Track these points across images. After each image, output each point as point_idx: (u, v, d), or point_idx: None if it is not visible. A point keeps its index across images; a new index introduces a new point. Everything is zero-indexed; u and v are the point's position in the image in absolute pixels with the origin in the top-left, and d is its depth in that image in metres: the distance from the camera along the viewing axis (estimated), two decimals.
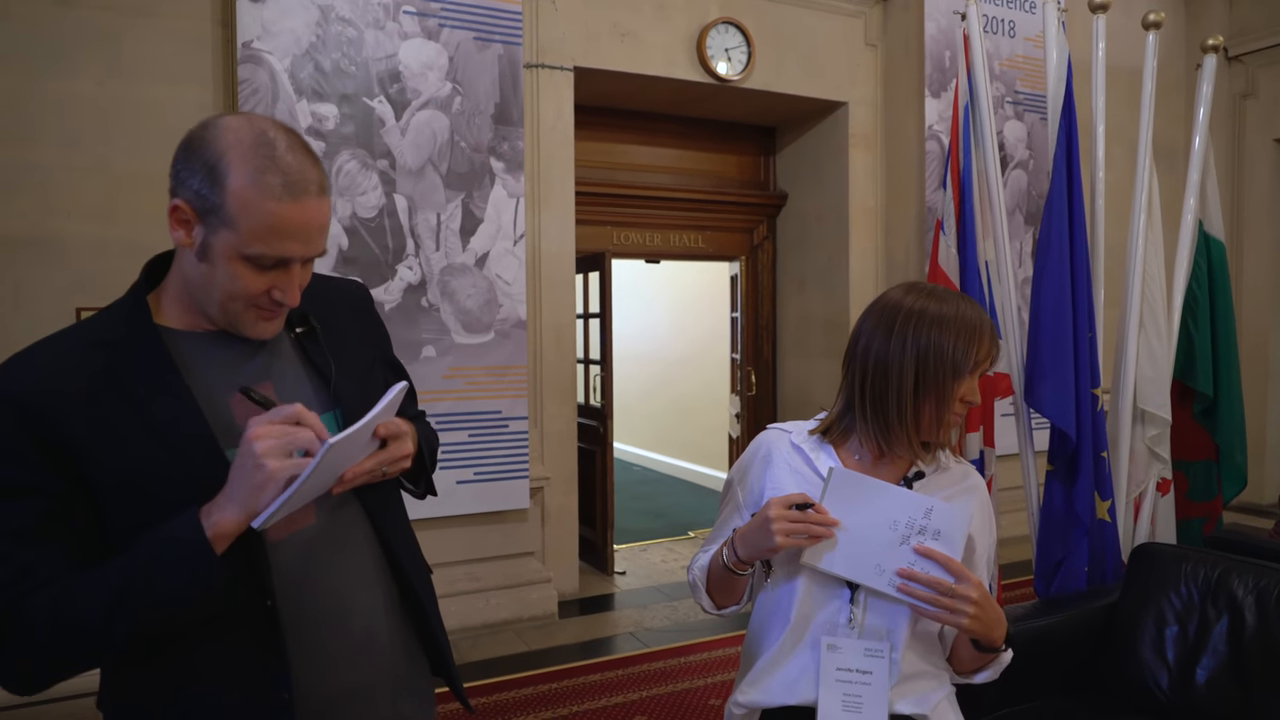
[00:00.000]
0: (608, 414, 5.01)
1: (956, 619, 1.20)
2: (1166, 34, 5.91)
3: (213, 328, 1.10)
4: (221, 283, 1.04)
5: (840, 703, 1.24)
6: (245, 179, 1.00)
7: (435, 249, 3.86)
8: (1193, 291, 2.98)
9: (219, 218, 1.01)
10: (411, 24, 3.79)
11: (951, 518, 1.21)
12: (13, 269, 3.30)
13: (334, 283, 1.31)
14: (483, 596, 4.03)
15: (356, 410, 1.09)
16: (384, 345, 1.36)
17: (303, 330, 1.16)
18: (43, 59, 3.34)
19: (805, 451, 1.36)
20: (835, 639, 1.27)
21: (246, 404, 1.05)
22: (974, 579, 1.21)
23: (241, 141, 1.01)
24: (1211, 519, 3.07)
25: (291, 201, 1.01)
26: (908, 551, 1.21)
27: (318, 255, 1.09)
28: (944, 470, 1.37)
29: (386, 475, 1.10)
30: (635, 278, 8.68)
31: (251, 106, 3.49)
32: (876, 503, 1.22)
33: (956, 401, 1.30)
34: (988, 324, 1.33)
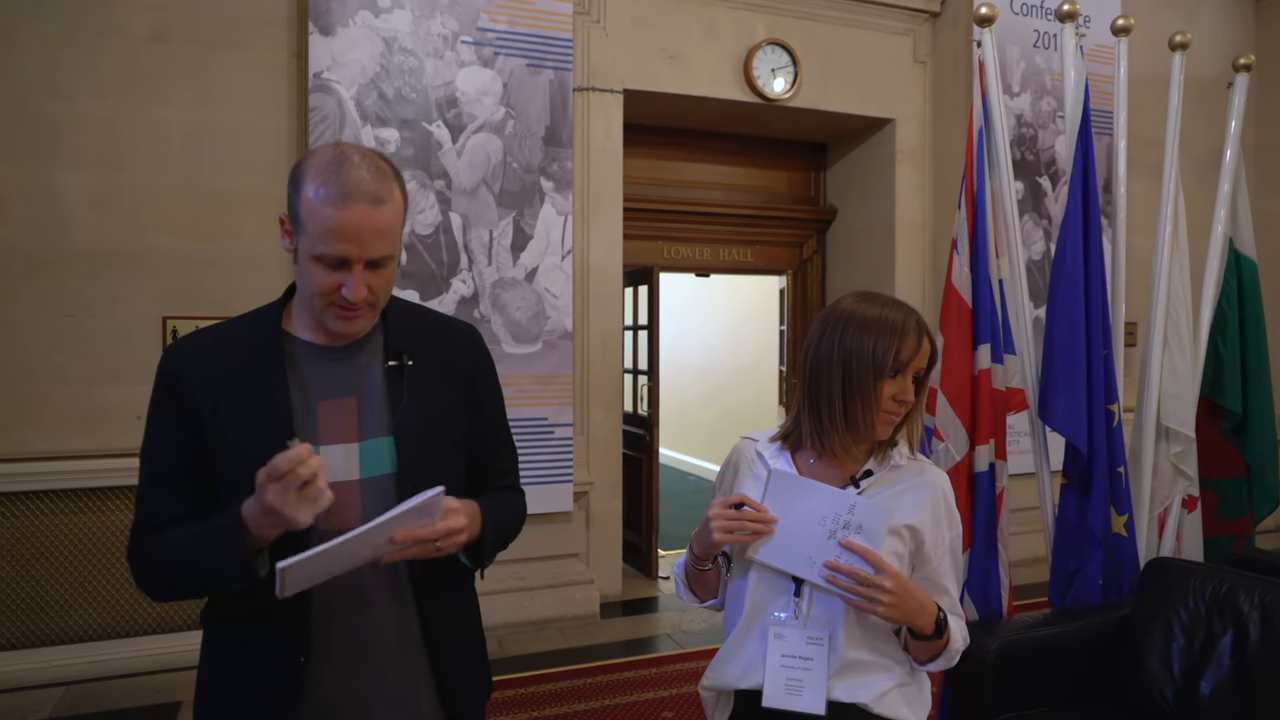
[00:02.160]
0: (654, 423, 5.16)
1: (874, 607, 1.28)
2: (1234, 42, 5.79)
3: (326, 339, 1.30)
4: (306, 281, 1.24)
5: (784, 686, 1.33)
6: (311, 190, 1.19)
7: (487, 264, 4.09)
8: (1222, 309, 2.98)
9: (298, 224, 1.22)
10: (468, 53, 4.04)
11: (872, 513, 1.30)
12: (107, 280, 3.65)
13: (451, 326, 1.45)
14: (528, 595, 4.23)
15: (411, 443, 1.29)
16: (484, 393, 1.44)
17: (395, 364, 1.32)
18: (138, 89, 3.70)
19: (765, 458, 1.46)
20: (781, 628, 1.36)
21: (330, 409, 1.28)
22: (890, 569, 1.28)
23: (319, 161, 1.21)
24: (1242, 537, 3.05)
25: (342, 207, 1.17)
26: (834, 545, 1.30)
27: (378, 258, 1.22)
28: (895, 468, 1.42)
29: (441, 551, 1.22)
30: (693, 291, 8.84)
31: (321, 132, 3.79)
32: (808, 501, 1.32)
33: (888, 400, 1.35)
34: (912, 326, 1.36)
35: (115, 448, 3.59)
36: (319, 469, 1.12)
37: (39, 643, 3.56)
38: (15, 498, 3.54)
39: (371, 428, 1.30)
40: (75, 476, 3.55)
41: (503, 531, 1.40)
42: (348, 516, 1.26)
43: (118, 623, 3.68)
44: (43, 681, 3.50)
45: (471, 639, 1.45)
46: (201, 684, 1.33)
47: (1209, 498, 3.02)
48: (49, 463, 3.52)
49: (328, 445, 1.27)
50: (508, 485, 1.49)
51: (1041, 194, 5.13)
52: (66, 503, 3.59)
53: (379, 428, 1.29)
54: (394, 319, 1.37)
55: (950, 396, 2.56)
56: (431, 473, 1.30)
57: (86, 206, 3.63)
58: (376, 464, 1.29)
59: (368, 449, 1.29)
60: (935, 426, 2.58)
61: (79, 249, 3.62)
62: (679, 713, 3.28)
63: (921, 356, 1.37)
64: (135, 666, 3.61)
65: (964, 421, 2.55)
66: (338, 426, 1.28)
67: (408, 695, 1.33)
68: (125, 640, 3.67)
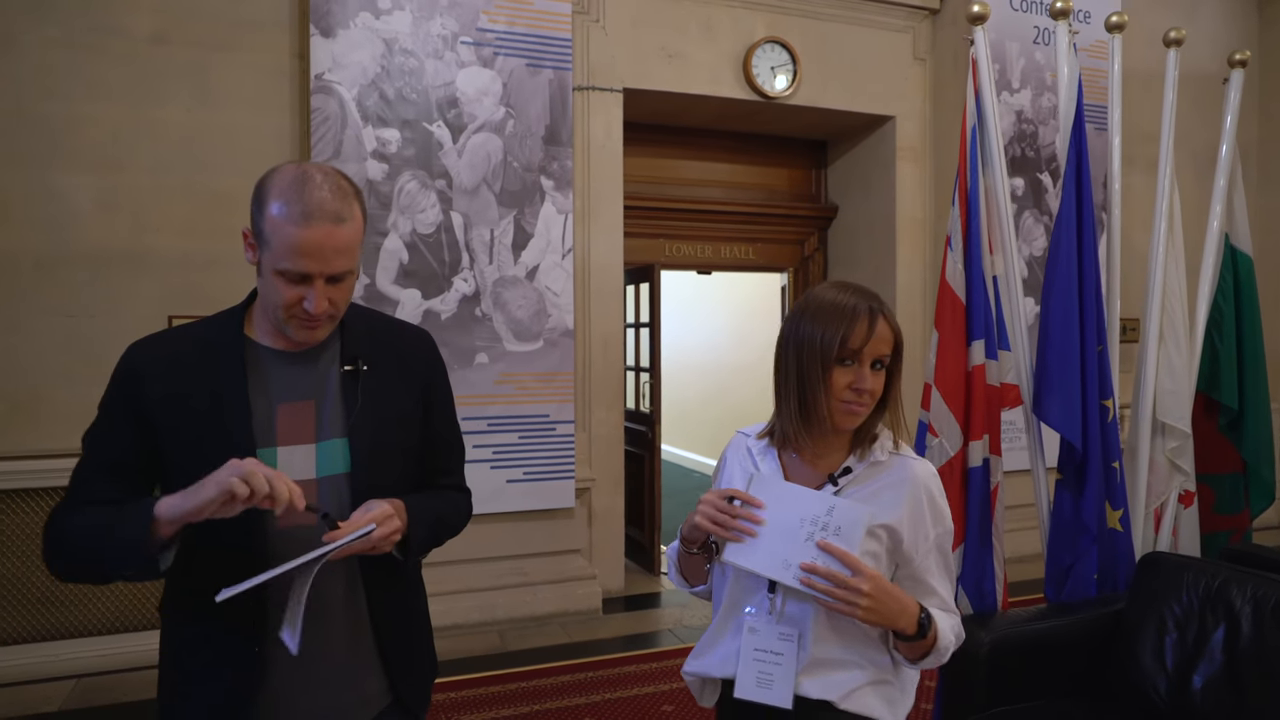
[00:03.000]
0: (656, 420, 5.18)
1: (852, 610, 1.27)
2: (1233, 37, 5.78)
3: (285, 345, 1.35)
4: (269, 294, 1.29)
5: (755, 679, 1.36)
6: (276, 209, 1.24)
7: (488, 262, 4.12)
8: (1218, 305, 2.99)
9: (263, 240, 1.26)
10: (468, 53, 4.06)
11: (850, 515, 1.30)
12: (109, 281, 3.69)
13: (405, 331, 1.52)
14: (530, 590, 4.26)
15: (364, 445, 1.36)
16: (436, 397, 1.51)
17: (350, 368, 1.39)
18: (138, 90, 3.73)
19: (754, 455, 1.47)
20: (756, 623, 1.38)
21: (289, 412, 1.33)
22: (868, 572, 1.27)
23: (283, 180, 1.26)
24: (1239, 532, 3.06)
25: (305, 227, 1.22)
26: (811, 547, 1.30)
27: (340, 274, 1.28)
28: (875, 464, 1.40)
29: (376, 550, 1.28)
30: (695, 289, 8.86)
31: (323, 134, 3.82)
32: (788, 503, 1.33)
33: (843, 390, 1.33)
34: (864, 311, 1.32)
35: None
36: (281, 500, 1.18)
37: (49, 636, 3.61)
38: (24, 494, 3.59)
39: (327, 429, 1.36)
40: None
41: (435, 527, 1.45)
42: (305, 514, 1.30)
43: (127, 616, 3.72)
44: (53, 675, 3.55)
45: (417, 626, 1.51)
46: (163, 674, 1.38)
47: (1206, 493, 3.03)
48: (55, 460, 3.56)
49: (285, 445, 1.33)
50: (452, 484, 1.56)
51: (1042, 190, 5.14)
52: None
53: (335, 430, 1.36)
54: (350, 325, 1.42)
55: (944, 392, 2.58)
56: (383, 472, 1.38)
57: (88, 208, 3.67)
58: (331, 464, 1.36)
59: (323, 450, 1.35)
60: (929, 422, 2.60)
61: (81, 250, 3.66)
62: (679, 707, 3.31)
63: (878, 342, 1.33)
64: (144, 660, 3.65)
65: (958, 417, 2.57)
66: (296, 428, 1.34)
67: (358, 678, 1.40)
68: (134, 634, 3.71)
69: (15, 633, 3.58)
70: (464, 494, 1.58)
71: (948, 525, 1.43)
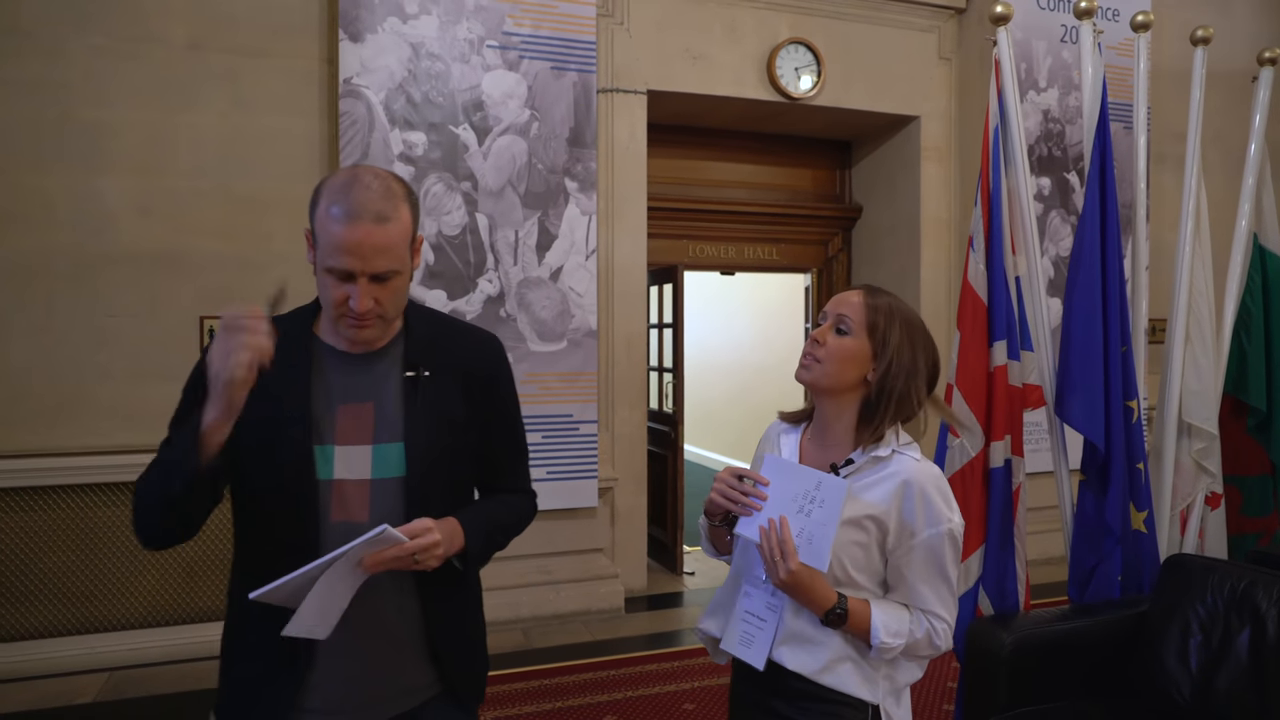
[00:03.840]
0: (679, 420, 5.21)
1: (774, 579, 1.40)
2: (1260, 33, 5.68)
3: (349, 346, 1.39)
4: (322, 292, 1.34)
5: (739, 637, 1.48)
6: (324, 208, 1.29)
7: (513, 263, 4.17)
8: (1246, 305, 2.96)
9: (314, 239, 1.32)
10: (494, 57, 4.12)
11: (832, 490, 1.39)
12: (148, 282, 3.79)
13: (470, 336, 1.53)
14: (553, 589, 4.30)
15: (419, 450, 1.38)
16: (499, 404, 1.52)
17: (411, 374, 1.42)
18: (174, 96, 3.82)
19: (780, 437, 1.60)
20: (751, 588, 1.49)
21: (349, 412, 1.37)
22: (794, 566, 1.37)
23: (335, 182, 1.31)
24: (1268, 534, 3.02)
25: (345, 225, 1.26)
26: (801, 519, 1.41)
27: (382, 273, 1.29)
28: (876, 458, 1.46)
29: (419, 564, 1.30)
30: (719, 289, 8.86)
31: (350, 136, 3.89)
32: (789, 480, 1.43)
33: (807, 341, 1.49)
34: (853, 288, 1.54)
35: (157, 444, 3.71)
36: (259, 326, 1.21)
37: (85, 630, 3.71)
38: (64, 491, 3.69)
39: (385, 433, 1.39)
40: (119, 470, 3.68)
41: (492, 536, 1.49)
42: (358, 511, 1.37)
43: (160, 611, 3.82)
44: (88, 667, 3.64)
45: (469, 620, 1.55)
46: (222, 656, 1.46)
47: (1233, 495, 3.00)
48: (95, 457, 3.66)
49: (343, 445, 1.37)
50: (516, 488, 1.59)
51: (1069, 190, 5.10)
52: (111, 495, 3.73)
53: (392, 434, 1.39)
54: (415, 330, 1.45)
55: (966, 392, 2.58)
56: (438, 477, 1.41)
57: (128, 211, 3.77)
58: (387, 467, 1.38)
59: (379, 453, 1.38)
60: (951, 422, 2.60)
61: (120, 251, 3.76)
62: (700, 705, 3.33)
63: (838, 303, 1.49)
64: (176, 654, 3.74)
65: (979, 417, 2.57)
66: (354, 429, 1.38)
67: (404, 666, 1.43)
68: (167, 629, 3.80)
69: (52, 626, 3.68)
70: (526, 496, 1.61)
71: (945, 529, 1.43)
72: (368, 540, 1.24)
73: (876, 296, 1.49)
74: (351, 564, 1.27)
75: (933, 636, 1.45)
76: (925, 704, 3.35)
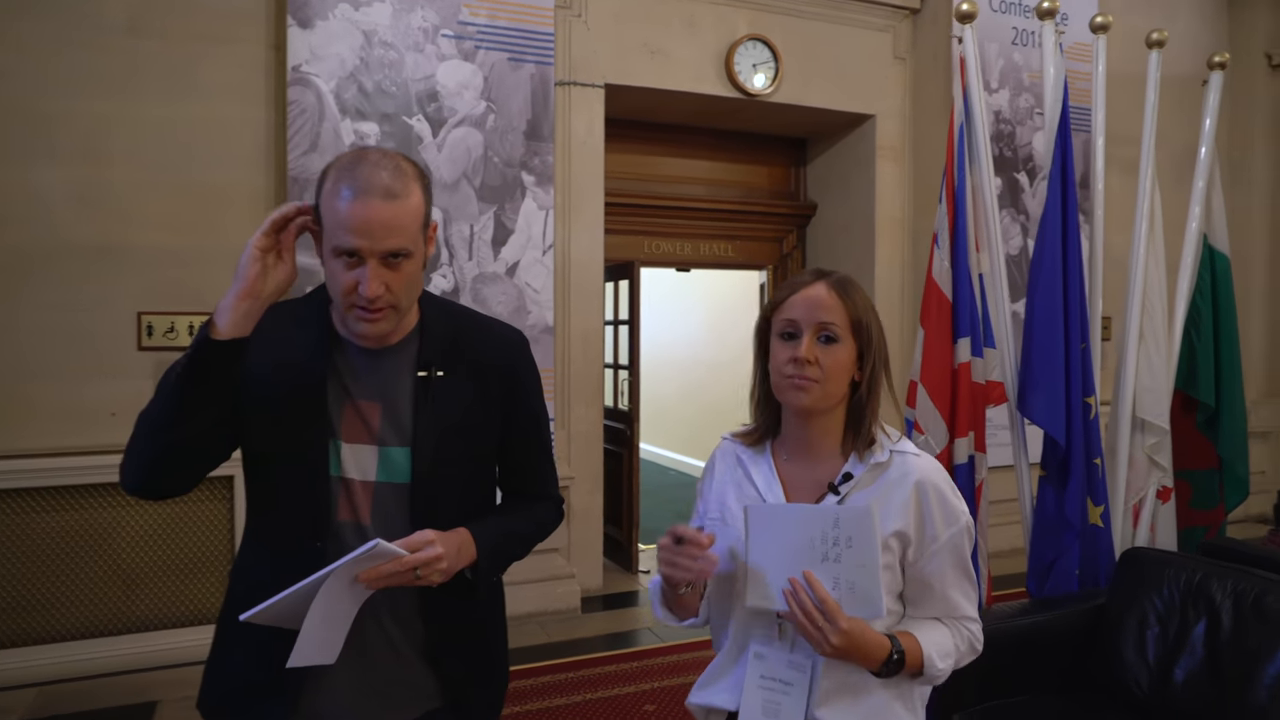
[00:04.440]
0: (635, 417, 5.17)
1: (819, 649, 1.21)
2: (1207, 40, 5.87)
3: (360, 342, 1.32)
4: (330, 282, 1.26)
5: (760, 707, 1.29)
6: (328, 187, 1.23)
7: (468, 258, 4.08)
8: (1196, 304, 3.03)
9: (320, 220, 1.25)
10: (449, 46, 4.02)
11: (856, 521, 1.20)
12: (84, 275, 3.60)
13: (491, 334, 1.43)
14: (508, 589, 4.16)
15: (426, 456, 1.31)
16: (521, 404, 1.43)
17: (425, 375, 1.33)
18: (117, 84, 3.64)
19: (745, 462, 1.39)
20: (764, 649, 1.31)
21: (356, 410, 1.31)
22: (843, 627, 1.18)
23: (341, 161, 1.26)
24: (1214, 527, 3.10)
25: (354, 201, 1.20)
26: (830, 566, 1.21)
27: (392, 251, 1.22)
28: (876, 466, 1.31)
29: (421, 580, 1.22)
30: (672, 286, 8.85)
31: (300, 126, 3.75)
32: (793, 526, 1.23)
33: (785, 364, 1.28)
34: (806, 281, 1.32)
35: (97, 444, 3.54)
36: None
37: (13, 643, 3.51)
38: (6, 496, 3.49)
39: (392, 436, 1.32)
40: (56, 474, 3.49)
41: (509, 547, 1.40)
42: (360, 513, 1.30)
43: (95, 622, 3.64)
44: (15, 683, 3.44)
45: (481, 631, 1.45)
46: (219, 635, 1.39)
47: (1182, 489, 3.07)
48: (26, 460, 3.47)
49: (350, 443, 1.31)
50: (540, 494, 1.50)
51: (1019, 190, 5.19)
52: (44, 500, 3.54)
53: (400, 437, 1.32)
54: (431, 327, 1.37)
55: (930, 389, 2.59)
56: (447, 487, 1.33)
57: (70, 203, 3.58)
58: (392, 471, 1.32)
59: (384, 456, 1.32)
60: (915, 419, 2.61)
61: (63, 245, 3.57)
62: (661, 706, 3.30)
63: (814, 308, 1.28)
64: (111, 666, 3.57)
65: (944, 414, 2.58)
66: (362, 427, 1.31)
67: (403, 675, 1.36)
68: (102, 639, 3.62)
69: None
70: (551, 503, 1.51)
71: (963, 524, 1.32)
72: (359, 557, 1.16)
73: (846, 289, 1.31)
74: (347, 581, 1.19)
75: (973, 642, 1.36)
76: None
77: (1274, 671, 2.13)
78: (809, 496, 1.32)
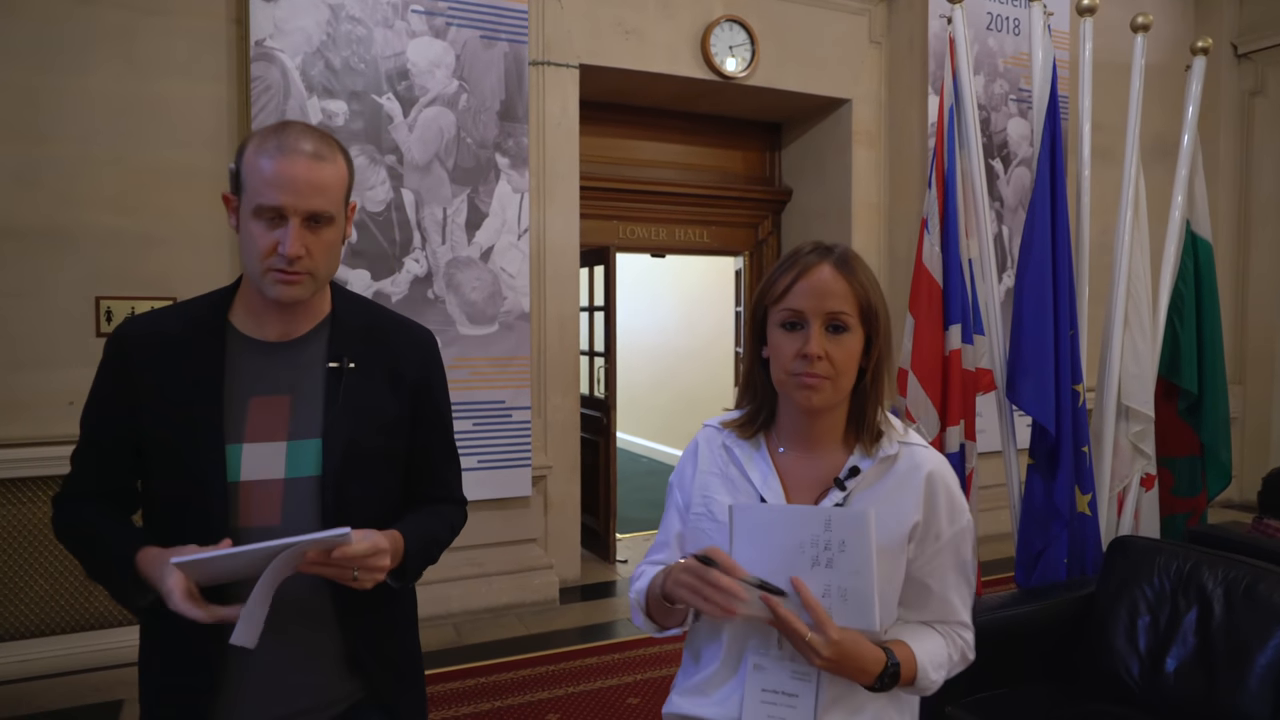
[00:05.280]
0: (611, 405, 5.09)
1: (811, 659, 1.14)
2: (1174, 30, 5.92)
3: (267, 335, 1.29)
4: (247, 246, 1.23)
5: None
6: (250, 150, 1.23)
7: (441, 242, 3.96)
8: (1179, 290, 3.03)
9: (239, 184, 1.23)
10: (420, 23, 3.88)
11: (850, 525, 1.12)
12: (31, 260, 3.42)
13: (402, 329, 1.41)
14: (485, 581, 4.13)
15: (338, 448, 1.27)
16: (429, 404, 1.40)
17: (335, 365, 1.30)
18: (60, 55, 3.45)
19: (736, 454, 1.29)
20: (763, 660, 1.22)
21: (262, 406, 1.24)
22: (834, 637, 1.11)
23: (263, 130, 1.25)
24: (1196, 514, 3.12)
25: (279, 158, 1.19)
26: (821, 571, 1.13)
27: (315, 213, 1.21)
28: (885, 459, 1.23)
29: (357, 582, 1.19)
30: (644, 271, 8.77)
31: (264, 104, 3.60)
32: (782, 528, 1.14)
33: (791, 359, 1.17)
34: (803, 258, 1.20)
35: (44, 435, 3.37)
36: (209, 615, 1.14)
37: None
38: None
39: (302, 429, 1.28)
40: (3, 466, 3.33)
41: (429, 551, 1.38)
42: (269, 514, 1.25)
43: (50, 619, 3.48)
44: None
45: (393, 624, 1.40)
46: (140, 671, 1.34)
47: (1165, 476, 3.08)
48: None
49: (253, 442, 1.26)
50: (447, 497, 1.47)
51: (994, 176, 5.18)
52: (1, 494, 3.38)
53: (310, 429, 1.28)
54: (344, 318, 1.35)
55: (921, 377, 2.55)
56: (357, 478, 1.29)
57: (8, 181, 3.39)
58: (302, 465, 1.27)
59: (294, 449, 1.27)
60: (906, 408, 2.57)
61: (1, 226, 3.38)
62: (645, 699, 3.24)
63: (821, 295, 1.16)
64: (70, 664, 3.42)
65: (935, 402, 2.55)
66: (267, 423, 1.27)
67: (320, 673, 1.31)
68: (59, 637, 3.47)
69: None
70: (458, 506, 1.49)
71: (966, 522, 1.26)
72: (323, 539, 1.12)
73: (852, 268, 1.19)
74: (292, 561, 1.13)
75: (965, 652, 1.29)
76: None
77: (1265, 660, 2.13)
78: (811, 492, 1.23)
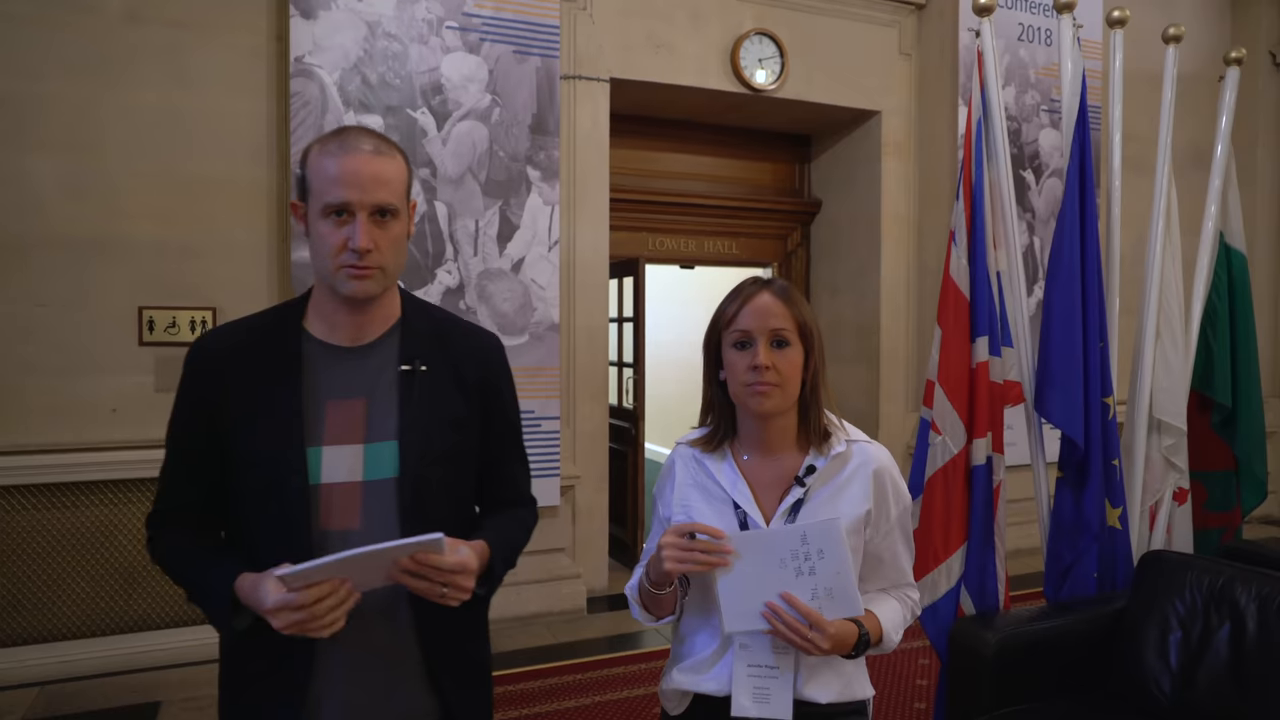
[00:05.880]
0: (639, 415, 5.12)
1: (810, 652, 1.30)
2: (1210, 37, 5.85)
3: (341, 339, 1.33)
4: (318, 247, 1.26)
5: (751, 695, 1.35)
6: (315, 152, 1.28)
7: (473, 254, 4.03)
8: (1212, 302, 3.00)
9: (305, 188, 1.27)
10: (454, 39, 3.96)
11: (823, 534, 1.29)
12: (80, 269, 3.54)
13: (471, 333, 1.45)
14: (514, 590, 4.17)
15: (415, 449, 1.30)
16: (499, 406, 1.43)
17: (408, 368, 1.33)
18: (111, 71, 3.58)
19: (707, 465, 1.45)
20: (748, 639, 1.36)
21: (338, 409, 1.29)
22: (829, 631, 1.29)
23: (323, 136, 1.31)
24: (1230, 529, 3.07)
25: (342, 156, 1.24)
26: (806, 581, 1.28)
27: (381, 205, 1.24)
28: (836, 457, 1.41)
29: (445, 599, 1.22)
30: (675, 282, 8.80)
31: (302, 119, 3.69)
32: (763, 550, 1.30)
33: (744, 371, 1.35)
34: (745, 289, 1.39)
35: (89, 441, 3.49)
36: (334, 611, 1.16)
37: (12, 642, 3.46)
38: None
39: (378, 431, 1.31)
40: (47, 471, 3.44)
41: (510, 559, 1.42)
42: (349, 517, 1.28)
43: (94, 621, 3.58)
44: (16, 682, 3.39)
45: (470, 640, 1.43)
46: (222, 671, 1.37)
47: (1198, 490, 3.04)
48: (19, 456, 3.41)
49: (332, 445, 1.28)
50: (519, 499, 1.50)
51: (1025, 187, 5.15)
52: (39, 498, 3.48)
53: (385, 432, 1.30)
54: (413, 322, 1.38)
55: (948, 389, 2.54)
56: (435, 481, 1.32)
57: (58, 193, 3.52)
58: (380, 467, 1.30)
59: (372, 452, 1.30)
60: (933, 419, 2.57)
61: (50, 236, 3.50)
62: None
63: (764, 316, 1.34)
64: (112, 666, 3.52)
65: (961, 414, 2.54)
66: (344, 427, 1.29)
67: (402, 690, 1.34)
68: (102, 639, 3.57)
69: None
70: (529, 507, 1.53)
71: (907, 502, 1.48)
72: (417, 543, 1.15)
73: (789, 295, 1.39)
74: (383, 565, 1.17)
75: (914, 609, 1.50)
76: (894, 704, 3.33)
77: None
78: (775, 490, 1.41)
